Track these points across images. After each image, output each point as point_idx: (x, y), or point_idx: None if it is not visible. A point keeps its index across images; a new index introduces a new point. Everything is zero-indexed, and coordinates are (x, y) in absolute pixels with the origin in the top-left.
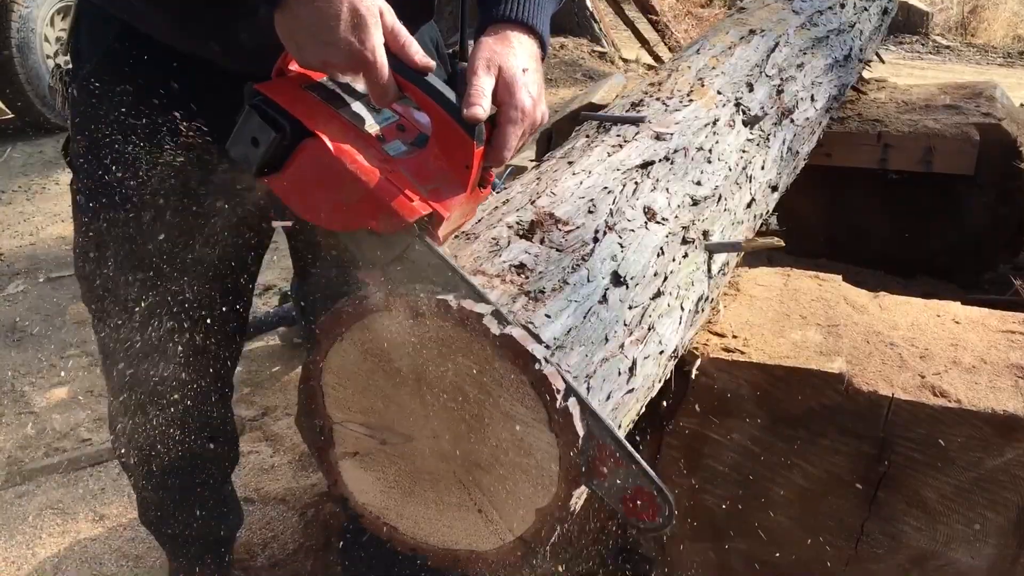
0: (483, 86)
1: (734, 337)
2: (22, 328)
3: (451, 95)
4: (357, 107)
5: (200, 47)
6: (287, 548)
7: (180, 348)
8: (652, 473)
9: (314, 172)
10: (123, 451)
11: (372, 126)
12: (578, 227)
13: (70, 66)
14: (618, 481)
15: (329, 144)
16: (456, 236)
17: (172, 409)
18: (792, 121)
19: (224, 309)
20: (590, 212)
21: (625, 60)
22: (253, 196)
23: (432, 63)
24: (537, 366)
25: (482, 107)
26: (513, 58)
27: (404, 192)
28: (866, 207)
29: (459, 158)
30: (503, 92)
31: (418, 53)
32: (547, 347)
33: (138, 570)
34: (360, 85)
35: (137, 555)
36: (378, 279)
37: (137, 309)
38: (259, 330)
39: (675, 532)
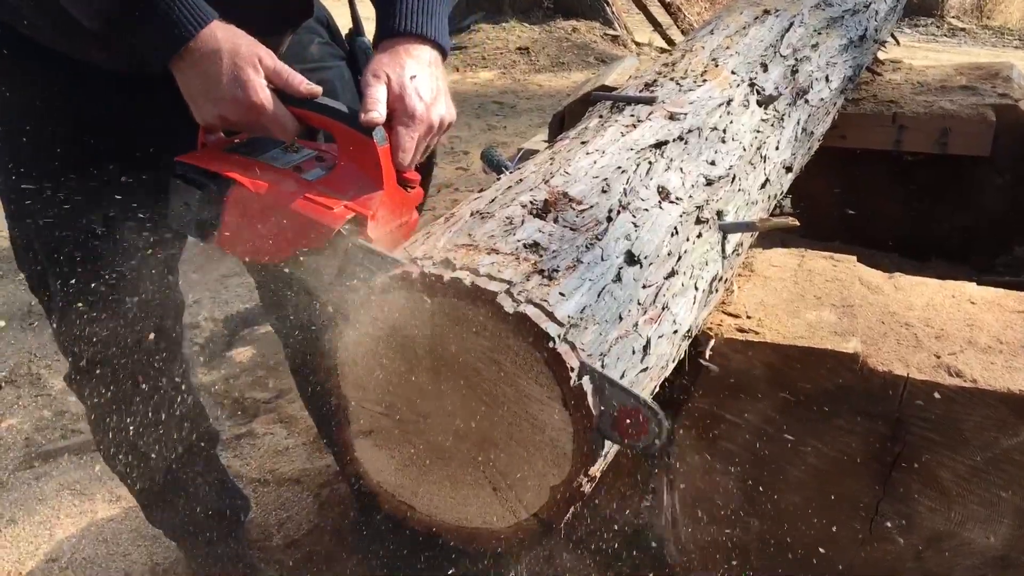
0: (375, 95)
1: (748, 318)
2: (38, 312)
3: (343, 107)
4: (274, 153)
5: (82, 51)
6: (302, 528)
7: (120, 333)
8: (637, 392)
9: (242, 214)
10: (111, 456)
11: (289, 163)
12: (592, 206)
13: None
14: (603, 407)
15: (247, 183)
16: (472, 215)
17: (132, 400)
18: (807, 101)
19: (149, 287)
20: (604, 192)
21: (637, 43)
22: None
23: (318, 89)
24: (551, 344)
25: (377, 111)
26: (400, 68)
27: (324, 205)
28: (880, 189)
29: (367, 161)
30: (394, 100)
31: (303, 83)
32: (561, 325)
33: (155, 550)
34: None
35: (154, 535)
36: (334, 294)
37: (71, 301)
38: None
39: (687, 512)
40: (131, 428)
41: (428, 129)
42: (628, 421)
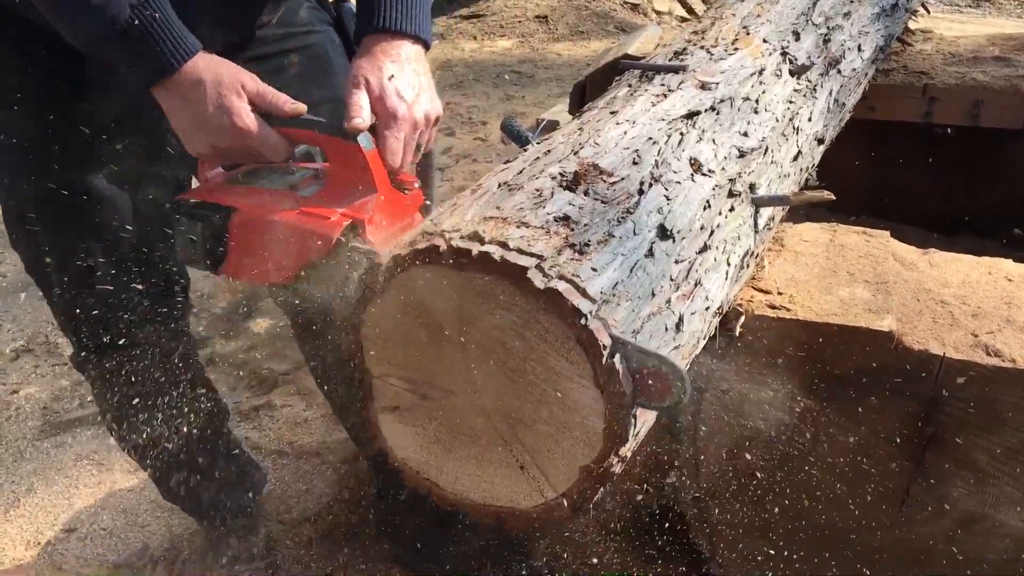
0: (358, 101)
1: (779, 294)
2: None
3: (327, 120)
4: (272, 177)
5: None
6: (321, 501)
7: (121, 311)
8: (663, 354)
9: (245, 238)
10: (120, 435)
11: (286, 184)
12: (623, 178)
13: None
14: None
15: (245, 207)
16: (499, 187)
17: (138, 378)
18: (839, 72)
19: (149, 263)
20: (635, 163)
21: (658, 12)
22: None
23: (302, 107)
24: (583, 321)
25: (361, 118)
26: (378, 70)
27: (321, 215)
28: (909, 162)
29: (357, 166)
30: (376, 104)
31: (287, 103)
32: (593, 301)
33: (173, 521)
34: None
35: (171, 507)
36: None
37: (67, 281)
38: None
39: (715, 491)
40: (138, 406)
41: (413, 127)
42: (651, 381)
